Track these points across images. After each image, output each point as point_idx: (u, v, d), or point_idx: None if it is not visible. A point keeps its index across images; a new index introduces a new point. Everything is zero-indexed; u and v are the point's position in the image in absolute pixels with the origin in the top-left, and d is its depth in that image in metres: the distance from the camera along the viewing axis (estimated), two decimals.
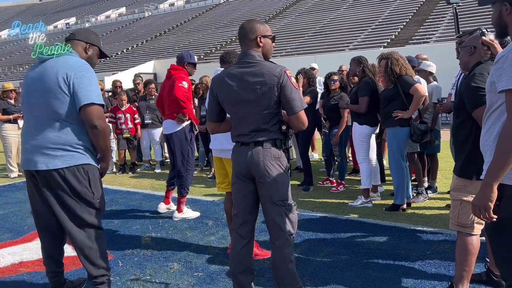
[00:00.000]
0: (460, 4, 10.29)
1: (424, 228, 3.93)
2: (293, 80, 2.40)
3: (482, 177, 1.78)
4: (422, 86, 4.26)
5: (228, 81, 2.42)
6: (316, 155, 8.18)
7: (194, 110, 5.88)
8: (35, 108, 2.44)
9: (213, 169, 6.96)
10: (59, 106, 2.38)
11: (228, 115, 2.58)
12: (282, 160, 2.43)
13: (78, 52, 2.59)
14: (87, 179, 2.49)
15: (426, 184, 5.06)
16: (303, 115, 2.41)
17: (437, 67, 5.14)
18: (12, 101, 7.37)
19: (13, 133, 7.34)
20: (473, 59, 2.64)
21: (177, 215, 4.56)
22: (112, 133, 7.40)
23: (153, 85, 7.50)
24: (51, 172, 2.39)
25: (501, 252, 1.79)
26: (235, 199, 2.55)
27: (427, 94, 4.46)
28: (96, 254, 2.53)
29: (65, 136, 2.41)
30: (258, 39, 2.43)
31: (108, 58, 2.44)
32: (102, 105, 2.45)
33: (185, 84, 4.39)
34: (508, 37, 1.82)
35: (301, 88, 5.62)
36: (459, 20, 9.86)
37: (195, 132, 4.69)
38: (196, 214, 4.66)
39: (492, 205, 1.72)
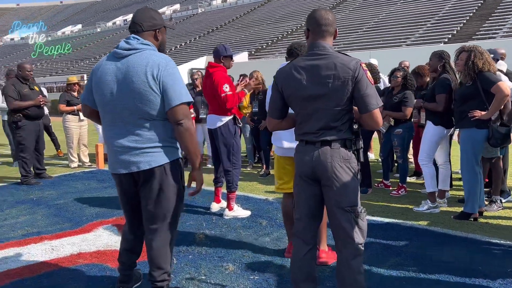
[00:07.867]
0: None
1: (501, 241, 3.54)
2: (369, 74, 2.18)
3: None
4: (506, 85, 3.83)
5: (295, 74, 2.24)
6: (372, 155, 7.80)
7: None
8: (122, 111, 2.33)
9: (264, 166, 6.85)
10: (151, 107, 2.30)
11: (290, 111, 2.40)
12: (351, 162, 2.23)
13: (151, 42, 2.46)
14: (180, 173, 2.47)
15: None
16: (377, 114, 2.19)
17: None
18: (75, 94, 7.64)
19: (74, 124, 7.60)
20: None
21: (228, 213, 4.46)
22: None
23: None
24: (154, 170, 2.36)
25: None
26: (297, 202, 2.38)
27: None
28: (166, 259, 2.47)
29: (161, 133, 2.37)
30: (336, 31, 2.30)
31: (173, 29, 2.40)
32: (189, 102, 2.35)
33: (227, 88, 4.23)
34: None
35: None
36: None
37: (239, 126, 4.56)
38: (247, 213, 4.53)
39: None
